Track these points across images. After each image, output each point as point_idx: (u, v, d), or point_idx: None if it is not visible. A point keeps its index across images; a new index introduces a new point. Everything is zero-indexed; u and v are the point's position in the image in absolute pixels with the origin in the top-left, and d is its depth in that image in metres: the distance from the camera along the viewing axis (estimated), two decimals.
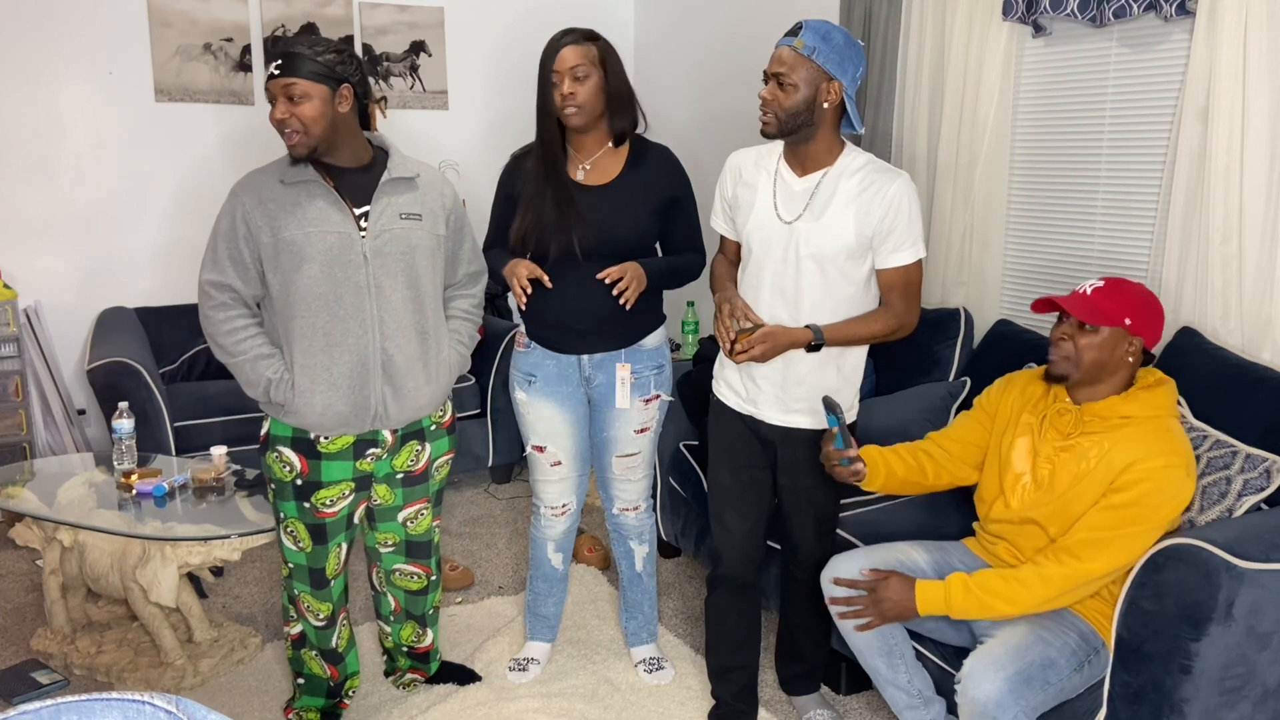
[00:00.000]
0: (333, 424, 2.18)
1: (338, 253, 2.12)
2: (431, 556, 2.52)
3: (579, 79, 2.32)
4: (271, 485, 2.29)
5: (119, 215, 4.15)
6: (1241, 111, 2.41)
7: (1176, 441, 1.93)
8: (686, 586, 3.29)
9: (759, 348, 2.06)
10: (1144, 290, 2.04)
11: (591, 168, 2.43)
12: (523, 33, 4.76)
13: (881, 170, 2.10)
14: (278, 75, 2.07)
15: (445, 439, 2.42)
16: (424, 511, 2.45)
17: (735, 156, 2.29)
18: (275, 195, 2.12)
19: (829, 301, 2.13)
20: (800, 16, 3.92)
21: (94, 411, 4.12)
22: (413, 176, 2.23)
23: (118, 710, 0.74)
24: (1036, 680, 1.87)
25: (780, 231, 2.13)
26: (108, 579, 2.72)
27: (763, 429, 2.27)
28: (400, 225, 2.19)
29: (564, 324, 2.46)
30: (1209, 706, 1.79)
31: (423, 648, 2.63)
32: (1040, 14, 2.84)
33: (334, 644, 2.43)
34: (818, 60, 2.01)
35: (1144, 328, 1.99)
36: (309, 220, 2.11)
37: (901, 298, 2.13)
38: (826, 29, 2.03)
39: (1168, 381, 2.05)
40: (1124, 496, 1.89)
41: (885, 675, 2.19)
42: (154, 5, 4.05)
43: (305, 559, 2.30)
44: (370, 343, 2.17)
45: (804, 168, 2.14)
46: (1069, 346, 2.01)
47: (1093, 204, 2.92)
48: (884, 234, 2.08)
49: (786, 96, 2.04)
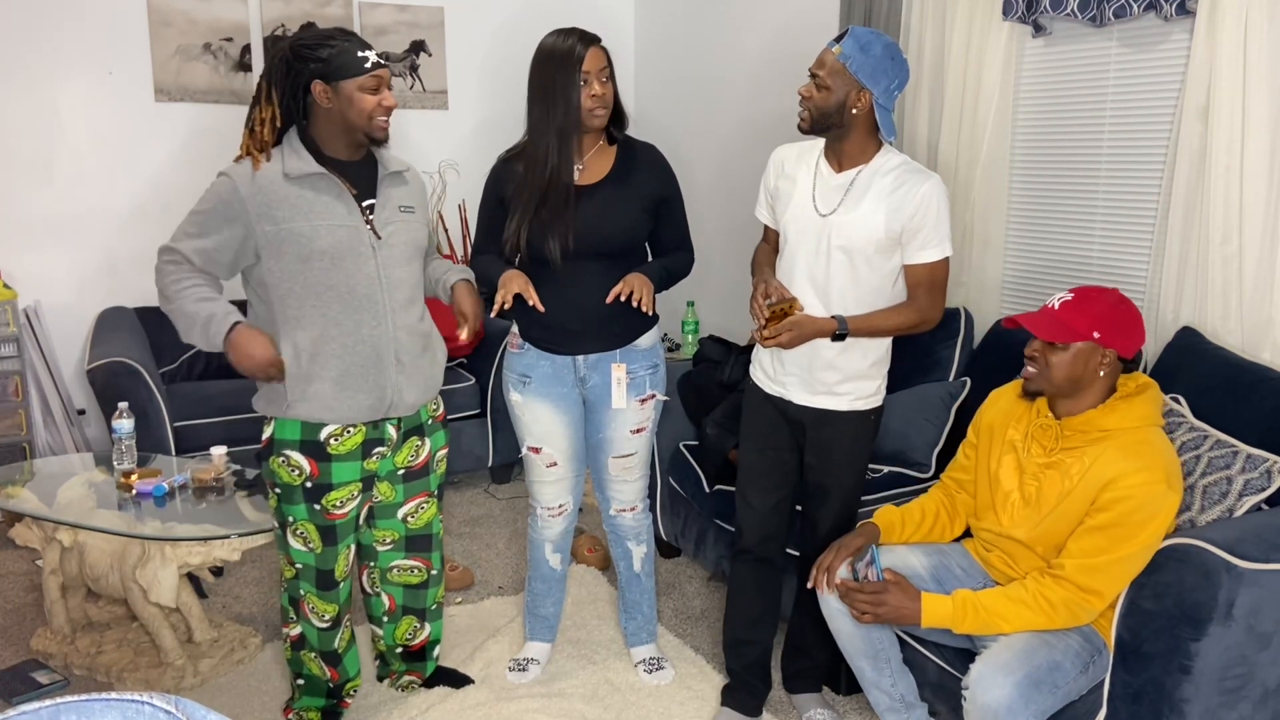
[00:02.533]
0: (351, 414, 2.19)
1: (348, 245, 2.14)
2: (433, 551, 2.51)
3: (606, 80, 2.33)
4: (276, 490, 2.27)
5: (119, 215, 4.15)
6: (1241, 111, 2.40)
7: (1156, 454, 1.91)
8: (686, 587, 3.29)
9: (786, 335, 2.17)
10: (1115, 299, 2.00)
11: (585, 167, 2.43)
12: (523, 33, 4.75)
13: (914, 170, 2.20)
14: (385, 65, 2.14)
15: (441, 432, 2.44)
16: (425, 505, 2.45)
17: (779, 151, 2.39)
18: (277, 187, 2.11)
19: (856, 292, 2.22)
20: (800, 19, 3.93)
21: (94, 411, 4.12)
22: (403, 170, 2.29)
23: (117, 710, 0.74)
24: (1045, 683, 1.87)
25: (815, 223, 2.23)
26: (108, 579, 2.72)
27: (791, 409, 2.35)
28: (401, 218, 2.24)
29: (558, 325, 2.45)
30: (1209, 706, 1.79)
31: (418, 644, 2.60)
32: (1040, 14, 2.84)
33: (335, 645, 2.42)
34: (851, 69, 2.11)
35: (1115, 338, 1.95)
36: (316, 214, 2.12)
37: (927, 293, 2.22)
38: (868, 40, 2.11)
39: (1150, 387, 2.03)
40: (1106, 516, 1.88)
41: (870, 677, 2.22)
42: (154, 5, 4.05)
43: (315, 560, 2.29)
44: (385, 333, 2.20)
45: (841, 164, 2.24)
46: (1040, 363, 2.01)
47: (1093, 204, 2.92)
48: (913, 231, 2.17)
49: (820, 96, 2.15)
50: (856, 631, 2.17)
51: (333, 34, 2.13)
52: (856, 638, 2.18)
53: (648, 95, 4.86)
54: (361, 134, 2.15)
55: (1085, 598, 1.89)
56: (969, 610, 1.96)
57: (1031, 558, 2.04)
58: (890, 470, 2.92)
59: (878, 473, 2.91)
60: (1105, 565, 1.87)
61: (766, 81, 4.14)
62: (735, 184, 4.35)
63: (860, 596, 2.06)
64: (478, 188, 2.55)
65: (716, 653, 2.84)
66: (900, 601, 2.01)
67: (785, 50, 4.01)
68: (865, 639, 2.18)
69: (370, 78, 2.11)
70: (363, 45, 2.12)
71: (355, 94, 2.11)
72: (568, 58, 2.30)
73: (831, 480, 2.36)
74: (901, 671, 2.24)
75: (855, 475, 2.38)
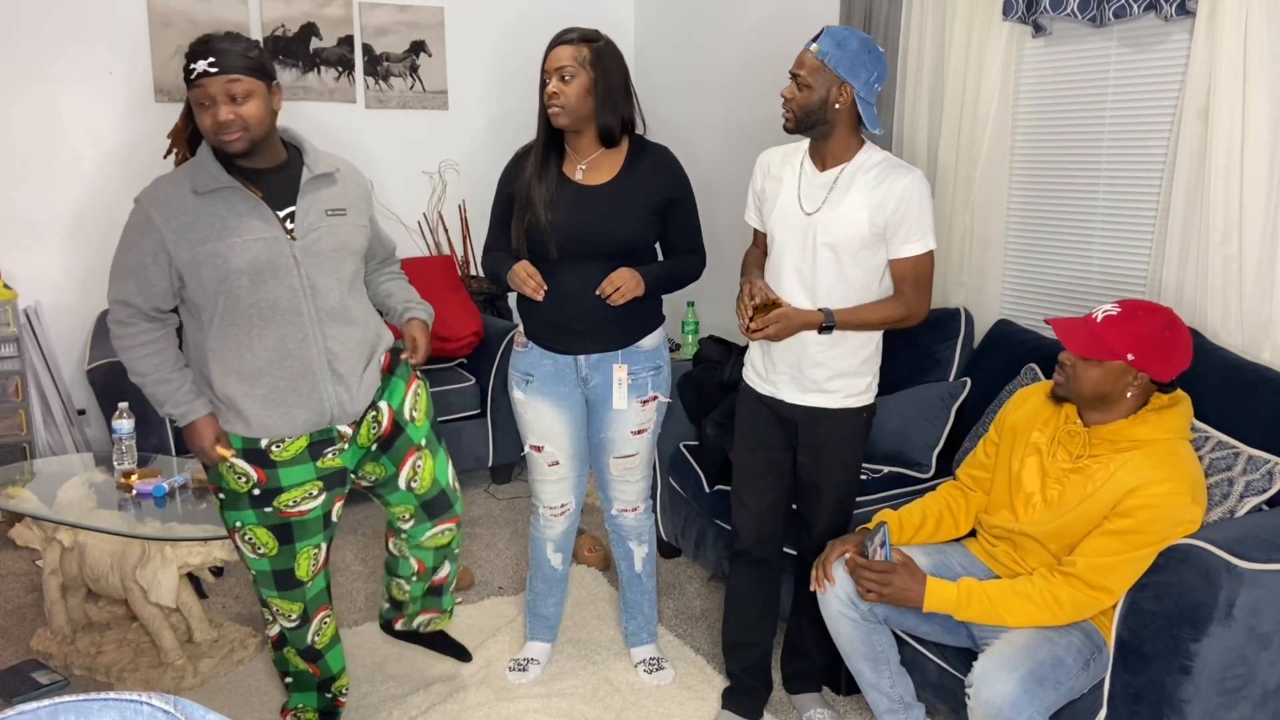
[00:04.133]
0: (288, 429, 2.12)
1: (266, 259, 2.02)
2: (453, 505, 2.41)
3: (565, 80, 2.32)
4: (221, 496, 2.19)
5: (119, 215, 4.10)
6: (1241, 111, 2.40)
7: (1184, 466, 1.90)
8: (686, 587, 3.29)
9: (773, 327, 2.20)
10: (1164, 321, 1.95)
11: (588, 167, 2.42)
12: (523, 33, 4.76)
13: (895, 166, 2.23)
14: (216, 73, 1.93)
15: (395, 381, 2.27)
16: (419, 463, 2.32)
17: (765, 154, 2.42)
18: (189, 208, 2.01)
19: (843, 289, 2.24)
20: (801, 17, 3.93)
21: (94, 411, 4.11)
22: (332, 171, 2.15)
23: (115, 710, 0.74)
24: (1049, 679, 1.87)
25: (801, 221, 2.26)
26: (108, 579, 2.72)
27: (783, 408, 2.36)
28: (327, 222, 2.11)
29: (560, 324, 2.45)
30: (1209, 707, 1.79)
31: (440, 579, 2.53)
32: (1040, 14, 2.84)
33: (310, 642, 2.36)
34: (830, 65, 2.15)
35: (1151, 363, 1.91)
36: (230, 230, 2.00)
37: (913, 287, 2.24)
38: (844, 36, 2.15)
39: (1182, 400, 2.01)
40: (1127, 522, 1.87)
41: (869, 679, 2.23)
42: (154, 5, 4.05)
43: (269, 564, 2.22)
44: (313, 345, 2.09)
45: (825, 163, 2.27)
46: (1069, 373, 1.99)
47: (1093, 204, 2.92)
48: (895, 225, 2.19)
49: (803, 96, 2.18)
50: (856, 633, 2.17)
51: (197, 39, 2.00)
52: (856, 639, 2.18)
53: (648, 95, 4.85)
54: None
55: (1094, 595, 1.89)
56: (974, 598, 1.96)
57: (1042, 553, 2.03)
58: (890, 470, 2.92)
59: (878, 473, 2.91)
60: (1117, 565, 1.87)
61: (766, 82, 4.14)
62: (736, 184, 4.34)
63: (868, 574, 2.05)
64: (478, 188, 2.56)
65: (716, 653, 2.84)
66: (906, 583, 2.01)
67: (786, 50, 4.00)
68: (865, 640, 2.18)
69: (196, 89, 1.95)
70: (198, 53, 1.95)
71: (196, 110, 1.99)
72: (543, 57, 2.36)
73: (825, 479, 2.37)
74: (900, 673, 2.25)
75: (849, 473, 2.39)
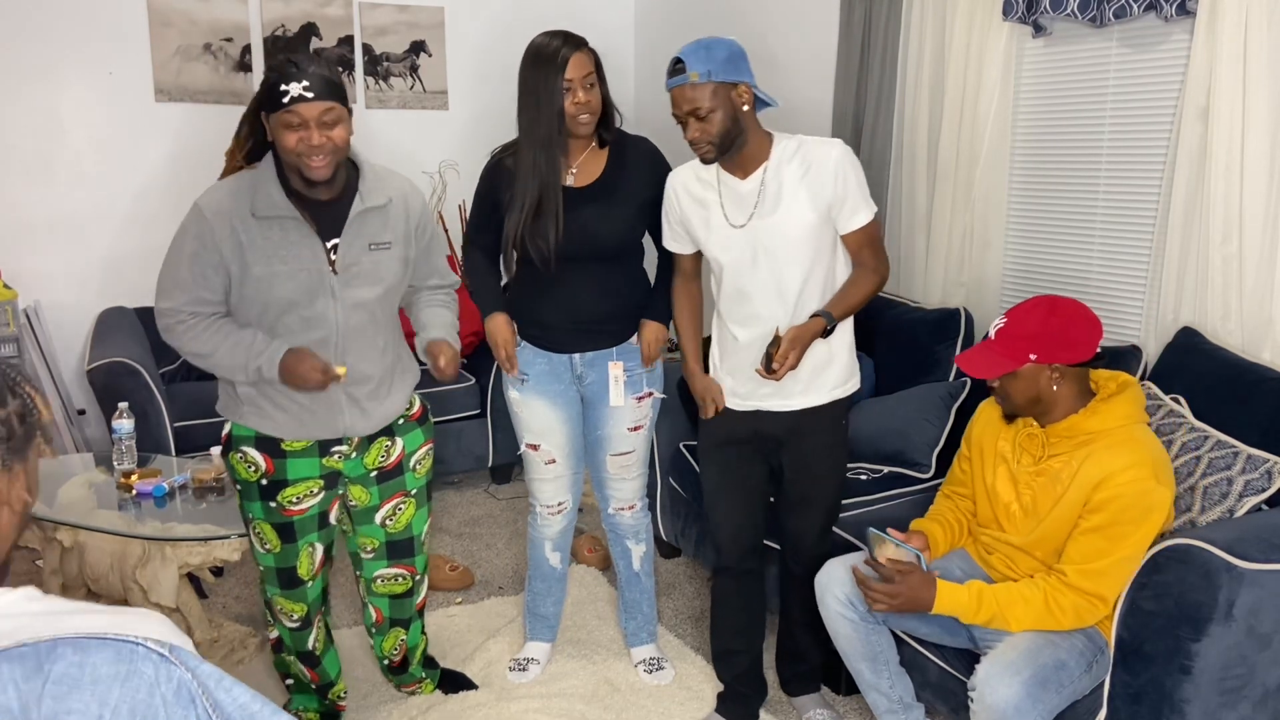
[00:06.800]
0: (302, 435, 2.17)
1: (306, 289, 2.05)
2: (415, 555, 2.42)
3: (590, 86, 2.31)
4: (237, 486, 2.25)
5: (119, 215, 4.14)
6: (1241, 111, 2.40)
7: (1142, 450, 1.91)
8: (686, 586, 3.29)
9: (792, 355, 2.12)
10: (1044, 311, 1.98)
11: (578, 170, 2.42)
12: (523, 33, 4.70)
13: (816, 145, 2.17)
14: (312, 98, 1.89)
15: (418, 431, 2.33)
16: (402, 506, 2.35)
17: (674, 176, 2.34)
18: (247, 227, 2.01)
19: (812, 284, 2.21)
20: (796, 15, 3.93)
21: (94, 411, 4.11)
22: (384, 204, 2.12)
23: (112, 648, 0.79)
24: (1052, 682, 1.87)
25: (740, 237, 2.20)
26: (108, 579, 2.72)
27: (767, 423, 2.30)
28: (369, 257, 2.11)
29: (554, 325, 2.46)
30: (1209, 707, 1.79)
31: (398, 659, 2.55)
32: (1040, 14, 2.84)
33: (310, 646, 2.38)
34: (716, 78, 2.07)
35: (1054, 352, 1.94)
36: (279, 258, 2.02)
37: (873, 253, 2.24)
38: (704, 47, 2.09)
39: (1130, 385, 2.02)
40: (1100, 517, 1.89)
41: (868, 679, 2.22)
42: (154, 5, 4.04)
43: (273, 560, 2.26)
44: None
45: (745, 170, 2.20)
46: (1000, 392, 2.04)
47: (1093, 204, 2.91)
48: (839, 202, 2.16)
49: (711, 125, 2.09)
50: (855, 634, 2.17)
51: (277, 56, 1.96)
52: (855, 640, 2.17)
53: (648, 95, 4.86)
54: (298, 173, 1.98)
55: (1091, 602, 1.89)
56: (984, 602, 1.96)
57: (1030, 561, 2.05)
58: (890, 470, 2.91)
59: (878, 473, 2.90)
60: (1106, 569, 1.87)
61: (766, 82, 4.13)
62: None
63: (876, 587, 2.02)
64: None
65: None
66: (915, 590, 1.99)
67: (786, 50, 4.01)
68: (864, 641, 2.17)
69: (286, 113, 1.90)
70: (287, 76, 1.89)
71: (279, 130, 1.93)
72: (551, 62, 2.28)
73: (816, 491, 2.37)
74: (899, 673, 2.24)
75: (837, 479, 2.40)
